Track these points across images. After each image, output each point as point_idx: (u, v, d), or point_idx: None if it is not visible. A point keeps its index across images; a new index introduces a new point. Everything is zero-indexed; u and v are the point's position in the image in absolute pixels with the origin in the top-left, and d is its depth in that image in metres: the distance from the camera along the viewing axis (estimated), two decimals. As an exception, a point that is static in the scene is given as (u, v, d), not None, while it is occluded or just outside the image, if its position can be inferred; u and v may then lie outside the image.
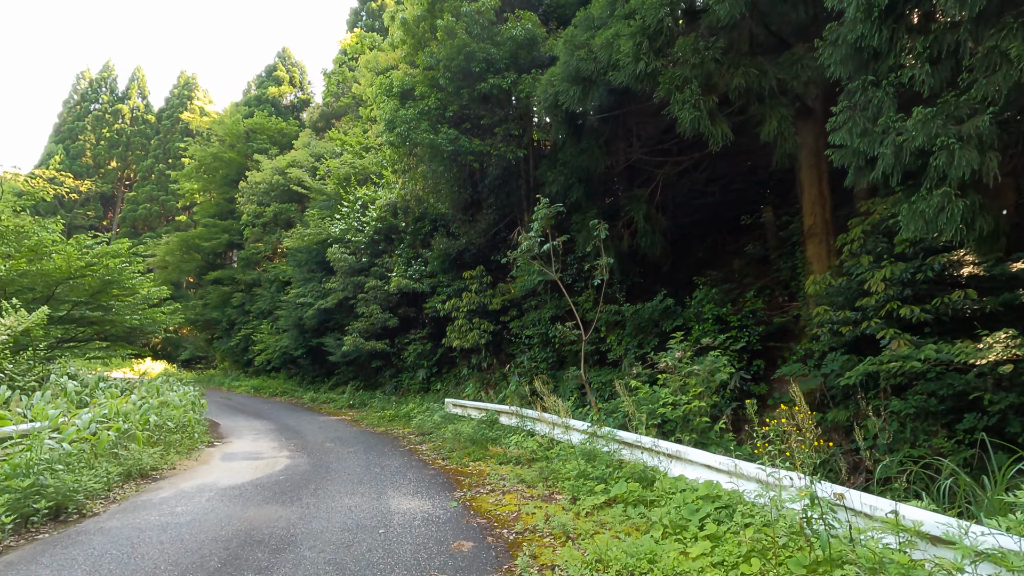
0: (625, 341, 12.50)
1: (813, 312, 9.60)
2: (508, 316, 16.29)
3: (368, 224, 19.56)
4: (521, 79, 11.32)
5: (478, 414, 12.97)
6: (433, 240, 17.91)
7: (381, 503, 6.53)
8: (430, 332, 19.28)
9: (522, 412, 10.27)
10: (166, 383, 14.49)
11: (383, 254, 19.97)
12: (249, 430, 13.97)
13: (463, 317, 16.49)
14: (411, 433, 13.01)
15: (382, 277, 19.52)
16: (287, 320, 23.49)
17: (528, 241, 9.82)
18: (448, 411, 14.34)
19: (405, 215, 18.86)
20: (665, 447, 6.19)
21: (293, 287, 23.77)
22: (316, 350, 23.08)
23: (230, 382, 28.43)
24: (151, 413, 9.34)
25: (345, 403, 19.50)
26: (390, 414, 16.08)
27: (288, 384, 24.95)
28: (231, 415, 17.46)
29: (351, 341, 19.00)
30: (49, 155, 52.05)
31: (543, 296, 14.64)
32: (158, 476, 8.11)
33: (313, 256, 23.19)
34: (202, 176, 33.10)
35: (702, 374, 7.78)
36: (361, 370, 21.59)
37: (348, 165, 21.95)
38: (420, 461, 9.43)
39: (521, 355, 15.55)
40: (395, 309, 19.71)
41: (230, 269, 31.29)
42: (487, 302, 16.34)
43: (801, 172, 11.07)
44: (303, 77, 41.18)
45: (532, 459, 8.32)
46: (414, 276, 18.47)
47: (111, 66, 57.48)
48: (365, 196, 20.40)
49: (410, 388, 19.30)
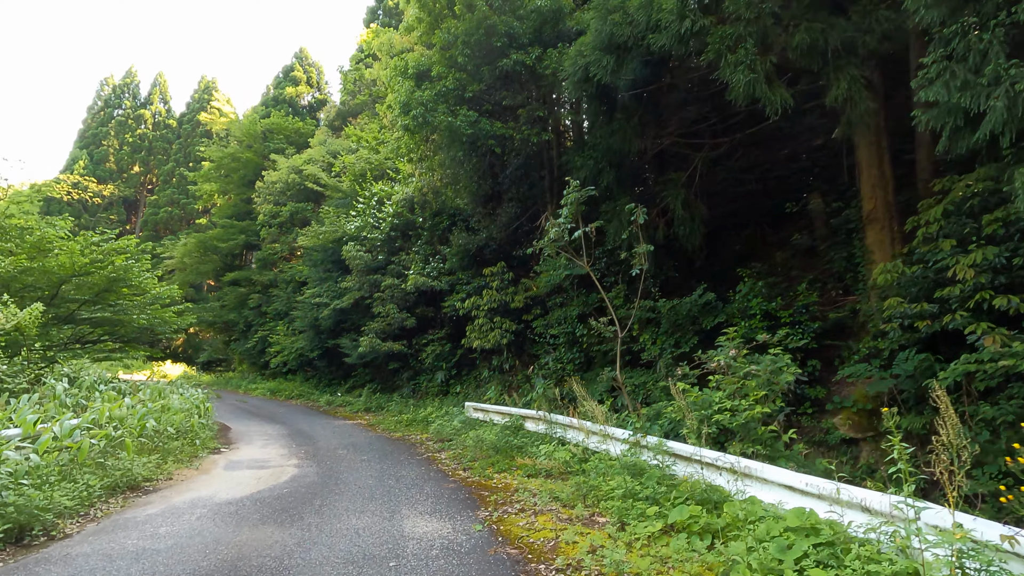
0: (660, 340, 11.46)
1: (880, 305, 8.48)
2: (531, 315, 15.35)
3: (384, 220, 18.80)
4: (546, 54, 10.38)
5: (501, 419, 12.04)
6: (451, 236, 17.06)
7: (394, 525, 5.62)
8: (449, 332, 18.42)
9: (551, 418, 9.30)
10: (172, 386, 13.87)
11: (400, 251, 19.19)
12: (260, 435, 13.25)
13: (483, 316, 15.60)
14: (429, 439, 12.13)
15: (399, 275, 18.73)
16: (303, 321, 22.88)
17: (557, 229, 8.86)
18: (468, 416, 13.44)
19: (422, 210, 18.05)
20: (730, 462, 5.17)
21: (309, 287, 23.16)
22: (332, 352, 22.41)
23: (247, 385, 27.97)
24: (149, 418, 8.60)
25: (361, 406, 18.75)
26: (407, 418, 15.24)
27: (304, 387, 24.34)
28: (244, 419, 16.81)
29: (367, 342, 18.25)
30: (74, 160, 52.75)
31: (569, 292, 13.66)
32: (151, 488, 7.33)
33: (329, 255, 22.55)
34: (220, 177, 32.86)
35: (762, 375, 6.73)
36: (378, 372, 20.83)
37: (364, 161, 21.26)
38: (439, 472, 8.53)
39: (546, 356, 14.59)
40: (412, 309, 18.90)
41: (247, 270, 30.91)
42: (509, 300, 15.42)
43: (859, 151, 9.94)
44: (320, 77, 40.88)
45: (566, 472, 7.36)
46: (432, 274, 17.63)
47: (134, 72, 58.17)
48: (381, 192, 19.66)
49: (428, 391, 18.46)
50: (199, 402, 11.60)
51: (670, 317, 11.09)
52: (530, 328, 15.29)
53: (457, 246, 16.68)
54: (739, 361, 7.07)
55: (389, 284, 18.32)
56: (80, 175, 51.05)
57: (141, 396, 10.08)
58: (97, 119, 55.16)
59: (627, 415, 8.15)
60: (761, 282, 10.61)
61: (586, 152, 10.90)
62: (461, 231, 16.80)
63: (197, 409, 10.99)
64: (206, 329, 34.90)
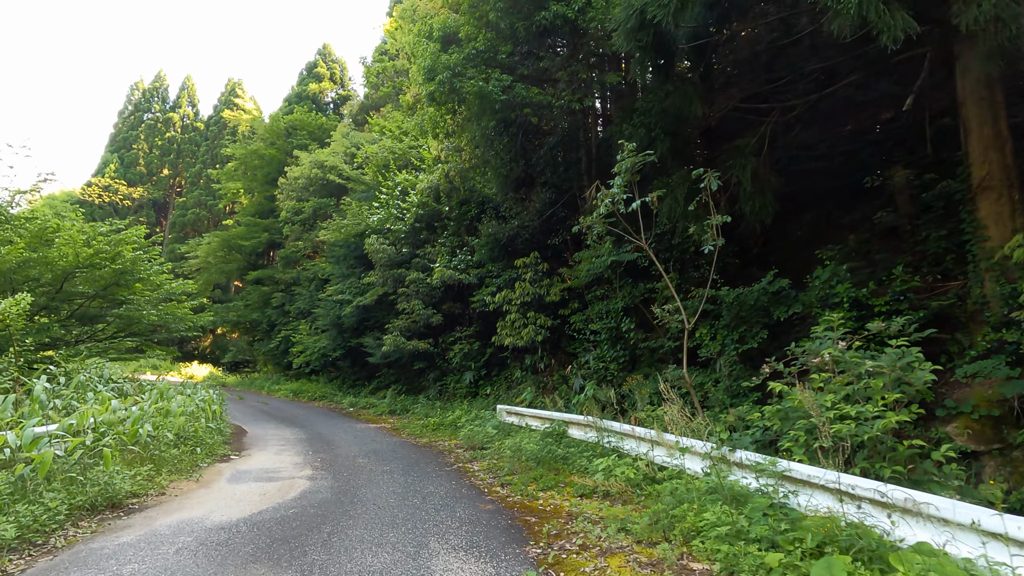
0: (721, 335, 9.97)
1: (1001, 289, 6.94)
2: (568, 309, 13.99)
3: (408, 211, 17.68)
4: (591, 4, 9.02)
5: (539, 424, 10.71)
6: (480, 225, 15.80)
7: (420, 566, 4.34)
8: (477, 330, 17.18)
9: (603, 424, 7.92)
10: (184, 387, 12.94)
11: (425, 244, 18.04)
12: (276, 440, 12.20)
13: (516, 311, 14.30)
14: (459, 447, 10.87)
15: (424, 269, 17.58)
16: (325, 319, 21.95)
17: (608, 201, 7.49)
18: (501, 420, 12.14)
19: (449, 198, 16.85)
20: (884, 491, 3.73)
21: (331, 284, 22.24)
22: (355, 351, 21.41)
23: (270, 386, 27.23)
24: (145, 423, 7.54)
25: (385, 409, 17.63)
26: (434, 422, 14.03)
27: (327, 388, 23.41)
28: (262, 422, 15.86)
29: (391, 340, 17.13)
30: (105, 164, 53.49)
31: (613, 283, 12.24)
32: (136, 506, 6.22)
33: (351, 250, 21.59)
34: (243, 175, 32.39)
35: (888, 373, 5.24)
36: (403, 372, 19.72)
37: (387, 151, 20.22)
38: (473, 487, 7.24)
39: (585, 354, 13.21)
40: (439, 305, 17.72)
41: (270, 269, 30.29)
42: (543, 293, 14.09)
43: (965, 109, 8.30)
44: (344, 74, 40.26)
45: (630, 492, 5.98)
46: (459, 267, 16.41)
47: (163, 76, 58.83)
48: (405, 181, 18.56)
49: (456, 392, 17.25)
50: (207, 404, 10.56)
51: (733, 308, 9.61)
52: (567, 324, 13.94)
53: (486, 236, 15.41)
54: (851, 355, 5.58)
55: (414, 279, 17.18)
56: (111, 178, 51.67)
57: (138, 398, 9.06)
58: (127, 123, 55.88)
59: (699, 422, 6.74)
60: (844, 266, 9.06)
61: (636, 119, 9.49)
62: (490, 219, 15.54)
63: (203, 412, 9.94)
64: (231, 329, 34.48)
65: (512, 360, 16.44)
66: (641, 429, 6.65)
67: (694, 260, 11.31)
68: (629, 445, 7.21)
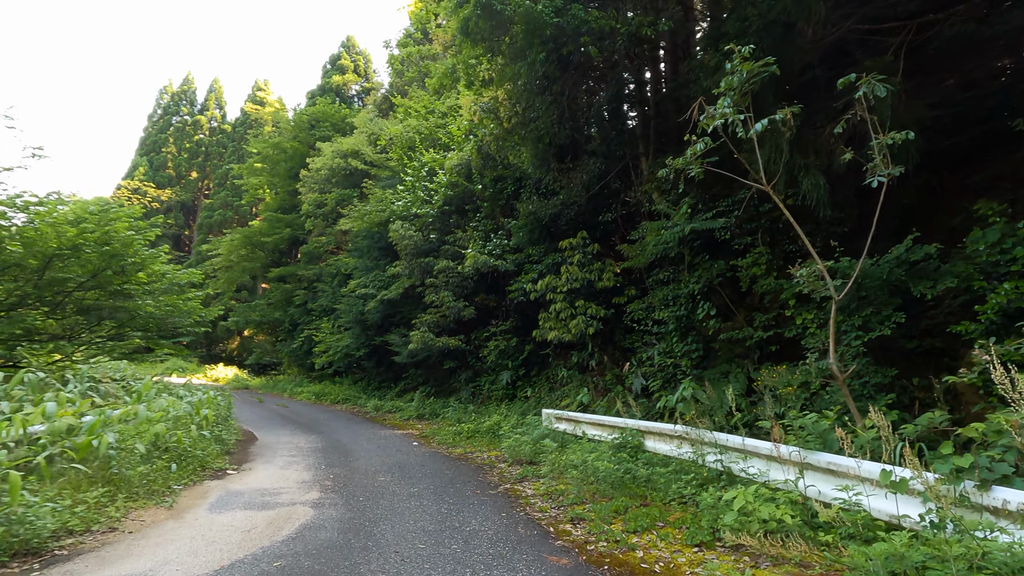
0: (837, 319, 7.77)
1: None
2: (624, 296, 11.92)
3: (436, 192, 15.85)
4: None
5: (599, 433, 8.66)
6: (518, 204, 13.84)
7: None
8: (515, 324, 15.22)
9: (710, 438, 5.81)
10: (171, 388, 11.31)
11: (455, 229, 16.18)
12: (287, 449, 10.46)
13: (562, 300, 12.28)
14: (501, 459, 8.91)
15: (454, 257, 15.72)
16: (347, 315, 20.30)
17: (717, 122, 5.43)
18: (550, 427, 10.14)
19: (482, 175, 14.95)
20: None
21: (354, 278, 20.60)
22: (380, 350, 19.68)
23: (292, 388, 25.77)
24: (105, 432, 5.79)
25: (413, 413, 15.80)
26: (468, 429, 12.11)
27: (352, 390, 21.73)
28: (276, 427, 14.21)
29: (419, 337, 15.31)
30: (135, 167, 53.61)
31: (684, 260, 10.12)
32: (64, 552, 4.42)
33: (375, 241, 19.90)
34: (266, 170, 31.22)
35: None
36: (431, 373, 17.89)
37: (413, 130, 18.49)
38: (532, 524, 5.24)
39: (646, 349, 11.12)
40: (471, 297, 15.82)
41: (293, 266, 28.95)
42: (594, 278, 12.04)
43: None
44: (368, 66, 38.97)
45: (783, 542, 3.89)
46: (495, 252, 14.49)
47: (191, 79, 58.88)
48: (432, 161, 16.76)
49: (491, 395, 15.31)
50: (198, 408, 8.82)
51: (852, 286, 7.41)
52: (623, 314, 11.86)
53: (525, 215, 13.44)
54: None
55: (443, 267, 15.32)
56: (140, 181, 51.67)
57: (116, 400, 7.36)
58: (156, 127, 56.00)
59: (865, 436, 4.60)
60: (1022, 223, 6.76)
61: (724, 42, 7.38)
62: (530, 196, 13.57)
63: (192, 418, 8.19)
64: (255, 330, 33.34)
65: (555, 358, 14.43)
66: (787, 448, 4.54)
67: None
68: (754, 466, 5.11)
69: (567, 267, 12.27)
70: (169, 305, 11.86)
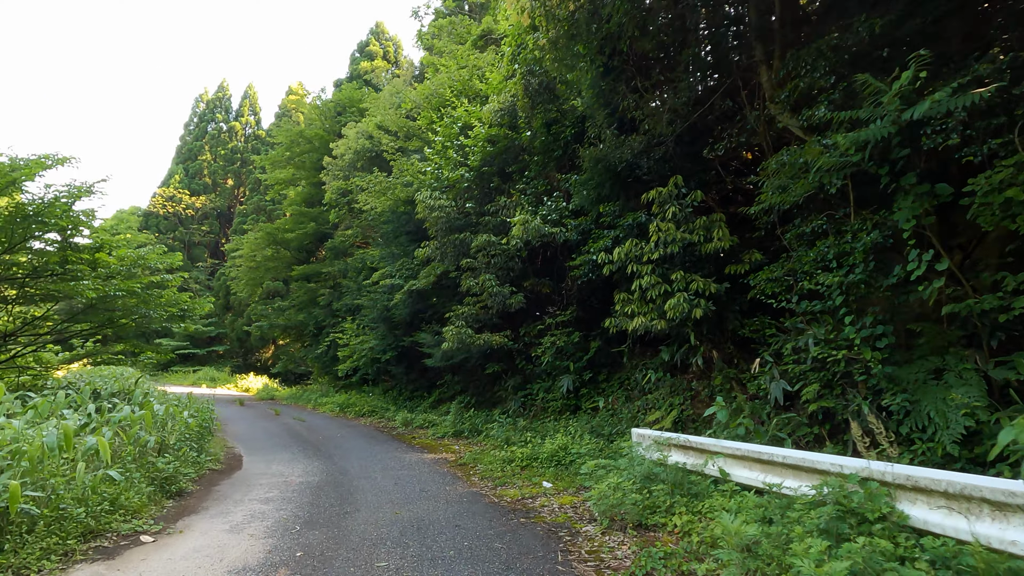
0: None
1: None
2: (744, 263, 8.27)
3: (473, 150, 12.56)
4: None
5: (760, 477, 5.02)
6: (581, 150, 10.35)
7: None
8: (576, 315, 11.74)
9: None
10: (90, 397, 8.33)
11: (497, 196, 12.85)
12: (265, 488, 7.29)
13: (650, 272, 8.72)
14: (585, 515, 5.40)
15: (497, 230, 12.38)
16: (371, 311, 17.23)
17: None
18: (645, 455, 6.50)
19: (530, 120, 11.56)
20: None
21: (379, 268, 17.56)
22: (410, 353, 16.52)
23: (318, 399, 22.89)
24: None
25: (449, 429, 12.48)
26: (522, 455, 8.69)
27: (380, 401, 18.60)
28: (277, 449, 11.15)
29: (453, 333, 12.00)
30: (171, 175, 53.11)
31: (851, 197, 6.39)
32: None
33: (402, 224, 16.80)
34: (289, 161, 28.88)
35: None
36: (471, 379, 14.56)
37: (444, 85, 15.39)
38: None
39: (788, 338, 7.40)
40: (519, 280, 12.43)
41: (317, 264, 26.35)
42: (698, 239, 8.45)
43: None
44: (398, 52, 36.47)
45: None
46: (551, 217, 11.07)
47: (225, 86, 58.31)
48: (467, 115, 13.51)
49: (546, 406, 11.84)
50: (135, 426, 5.69)
51: None
52: (743, 286, 8.22)
53: (591, 163, 9.94)
54: None
55: (483, 244, 11.97)
56: (176, 189, 50.99)
57: None
58: (192, 134, 55.51)
59: None
60: None
61: None
62: (599, 134, 10.06)
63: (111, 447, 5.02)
64: (282, 335, 30.96)
65: (633, 356, 10.85)
66: None
67: None
68: None
69: (658, 226, 8.70)
70: (128, 291, 8.90)
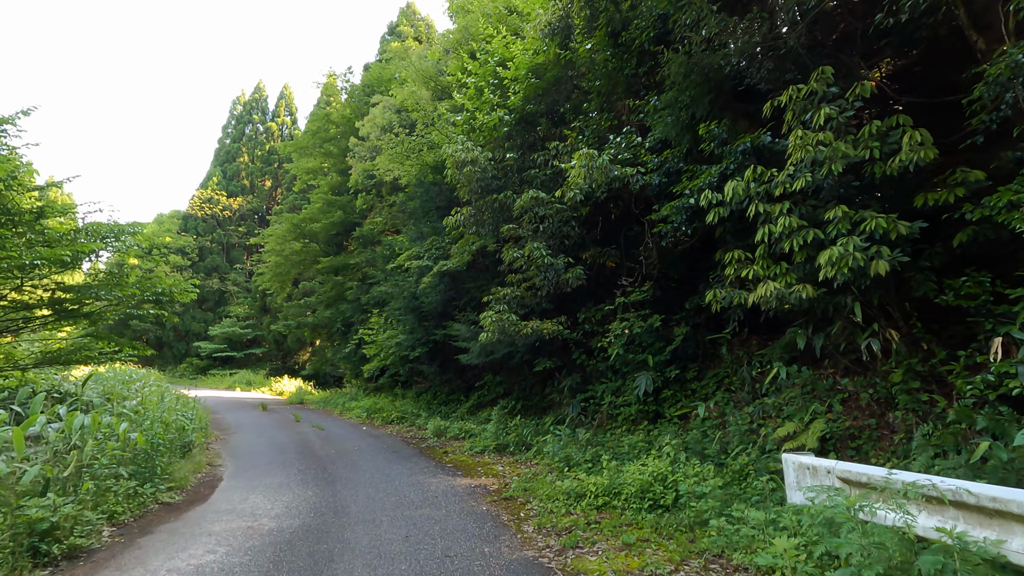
0: None
1: None
2: (951, 190, 5.21)
3: (515, 85, 9.82)
4: None
5: None
6: (667, 55, 7.39)
7: None
8: (654, 293, 8.81)
9: None
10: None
11: (546, 141, 10.05)
12: (219, 538, 4.77)
13: (786, 212, 5.77)
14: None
15: (547, 185, 9.59)
16: (398, 300, 14.73)
17: None
18: (812, 498, 3.51)
19: (591, 32, 8.69)
20: None
21: (406, 248, 15.07)
22: (444, 349, 13.92)
23: (347, 403, 20.59)
24: None
25: (490, 442, 9.74)
26: (595, 486, 5.87)
27: (411, 405, 16.06)
28: (272, 468, 8.73)
29: (493, 321, 9.25)
30: (209, 177, 52.98)
31: None
32: None
33: (431, 196, 14.25)
34: (317, 149, 26.99)
35: None
36: (516, 378, 11.83)
37: (479, 19, 12.78)
38: None
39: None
40: (576, 250, 9.60)
41: (344, 255, 24.27)
42: (869, 153, 5.42)
43: None
44: (430, 33, 34.35)
45: None
46: (620, 156, 8.17)
47: (262, 87, 57.95)
48: (505, 50, 10.80)
49: (614, 413, 8.97)
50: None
51: None
52: (939, 228, 5.14)
53: (680, 73, 7.01)
54: None
55: (529, 201, 9.16)
56: (213, 191, 50.68)
57: None
58: (230, 136, 55.30)
59: None
60: None
61: None
62: (701, 18, 7.10)
63: None
64: (312, 335, 29.07)
65: (734, 346, 7.92)
66: None
67: None
68: None
69: (801, 137, 5.68)
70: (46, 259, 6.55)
